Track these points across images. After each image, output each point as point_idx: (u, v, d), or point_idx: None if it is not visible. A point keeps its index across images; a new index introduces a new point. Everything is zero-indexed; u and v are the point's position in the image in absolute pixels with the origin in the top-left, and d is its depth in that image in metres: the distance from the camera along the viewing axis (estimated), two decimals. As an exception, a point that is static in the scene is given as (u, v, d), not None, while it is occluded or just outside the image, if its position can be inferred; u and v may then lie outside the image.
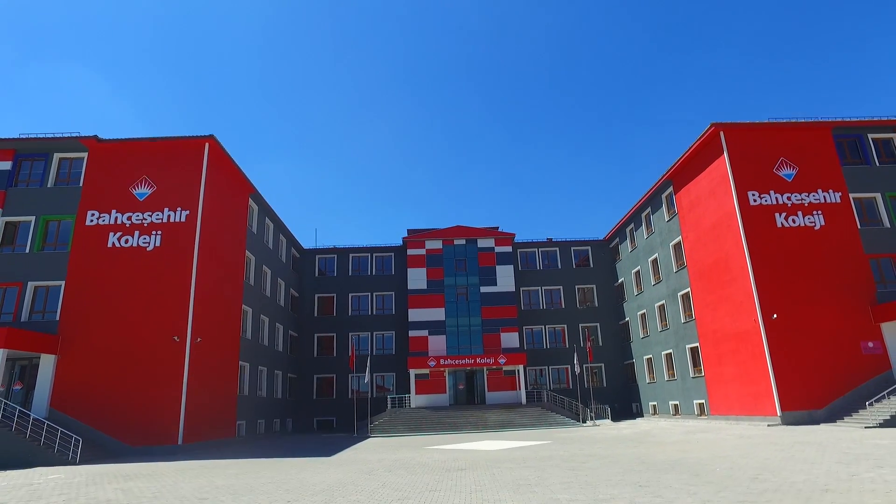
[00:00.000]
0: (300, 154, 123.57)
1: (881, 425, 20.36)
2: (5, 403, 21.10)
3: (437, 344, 41.62)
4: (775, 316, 25.06)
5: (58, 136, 26.84)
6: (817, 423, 23.51)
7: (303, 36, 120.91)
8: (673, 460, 13.89)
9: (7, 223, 26.24)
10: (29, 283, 25.05)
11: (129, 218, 26.22)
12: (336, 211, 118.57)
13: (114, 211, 26.32)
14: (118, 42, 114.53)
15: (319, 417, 41.49)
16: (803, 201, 27.38)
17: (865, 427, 20.44)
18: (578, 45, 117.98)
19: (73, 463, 19.62)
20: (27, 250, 25.69)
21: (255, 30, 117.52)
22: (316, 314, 44.09)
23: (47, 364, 23.68)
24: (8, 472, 17.55)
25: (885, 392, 22.56)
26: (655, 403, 37.35)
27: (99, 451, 21.91)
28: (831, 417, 23.45)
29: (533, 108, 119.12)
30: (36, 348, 23.02)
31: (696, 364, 31.86)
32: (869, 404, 21.88)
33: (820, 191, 27.64)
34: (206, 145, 27.62)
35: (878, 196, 27.73)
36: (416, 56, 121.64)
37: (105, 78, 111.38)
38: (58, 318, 24.47)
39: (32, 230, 26.02)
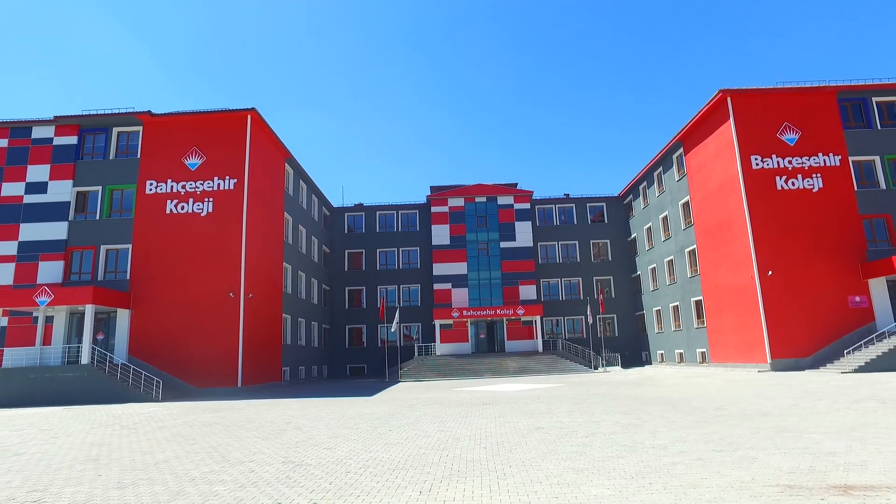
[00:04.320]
0: (323, 109, 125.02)
1: (856, 371, 23.02)
2: (98, 351, 24.74)
3: (459, 296, 44.76)
4: (770, 273, 27.43)
5: (116, 111, 29.56)
6: (803, 369, 26.19)
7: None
8: (661, 397, 16.78)
9: (78, 193, 29.43)
10: (101, 246, 28.42)
11: (184, 186, 29.14)
12: (360, 167, 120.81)
13: (169, 180, 29.25)
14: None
15: (352, 365, 45.31)
16: (803, 165, 29.17)
17: (842, 372, 23.11)
18: (595, 5, 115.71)
19: (157, 400, 23.28)
20: (97, 217, 28.95)
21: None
22: (346, 269, 47.33)
23: (123, 317, 27.26)
24: (111, 405, 21.20)
25: (862, 342, 25.13)
26: (663, 352, 40.29)
27: (172, 391, 25.63)
28: (816, 364, 26.12)
29: (551, 66, 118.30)
30: (113, 304, 26.50)
31: (699, 316, 34.52)
32: (847, 352, 24.50)
33: (820, 154, 29.34)
34: (249, 117, 30.12)
35: (877, 159, 29.38)
36: (436, 15, 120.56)
37: (122, 22, 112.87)
38: (128, 278, 27.91)
39: (100, 199, 29.22)
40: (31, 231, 28.84)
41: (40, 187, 29.48)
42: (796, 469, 6.55)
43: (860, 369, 23.05)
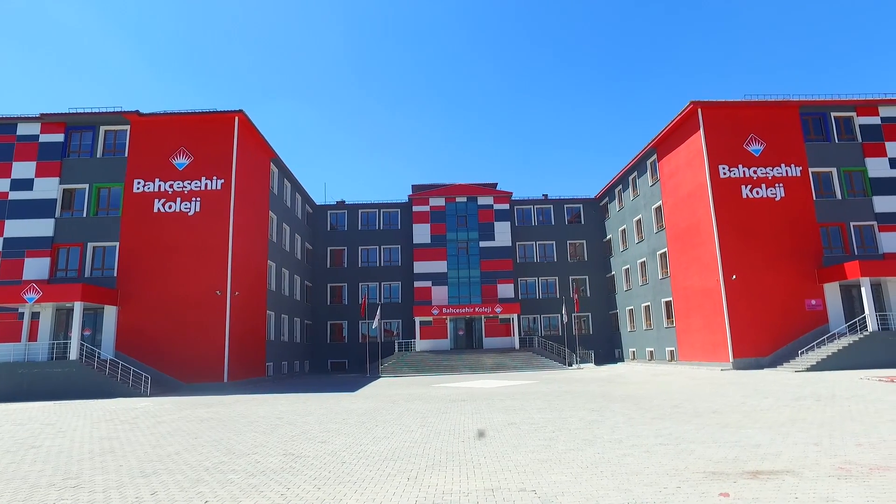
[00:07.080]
0: (307, 103, 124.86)
1: (808, 369, 24.72)
2: (86, 346, 25.33)
3: (439, 294, 45.91)
4: (734, 277, 29.05)
5: (103, 110, 29.98)
6: (762, 368, 27.88)
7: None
8: (626, 395, 18.12)
9: (65, 190, 29.83)
10: (88, 243, 28.91)
11: (171, 186, 29.71)
12: (343, 163, 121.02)
13: (157, 179, 29.80)
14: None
15: (333, 360, 46.18)
16: (767, 175, 30.82)
17: (795, 371, 24.79)
18: (577, 10, 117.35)
19: (145, 395, 24.01)
20: (84, 214, 29.40)
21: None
22: (328, 265, 48.14)
23: (110, 314, 27.84)
24: (99, 400, 21.89)
25: (815, 343, 26.90)
26: (634, 350, 41.94)
27: (160, 386, 26.34)
28: (773, 363, 27.83)
29: (533, 69, 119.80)
30: (101, 300, 27.06)
31: (669, 316, 36.16)
32: (801, 353, 26.20)
33: (783, 165, 31.03)
34: (236, 119, 30.75)
35: (834, 171, 31.19)
36: (422, 15, 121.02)
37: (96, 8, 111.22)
38: (115, 275, 28.46)
39: (87, 197, 29.65)
40: (16, 227, 29.16)
41: (26, 184, 29.78)
42: (723, 459, 7.81)
43: (812, 368, 24.75)
